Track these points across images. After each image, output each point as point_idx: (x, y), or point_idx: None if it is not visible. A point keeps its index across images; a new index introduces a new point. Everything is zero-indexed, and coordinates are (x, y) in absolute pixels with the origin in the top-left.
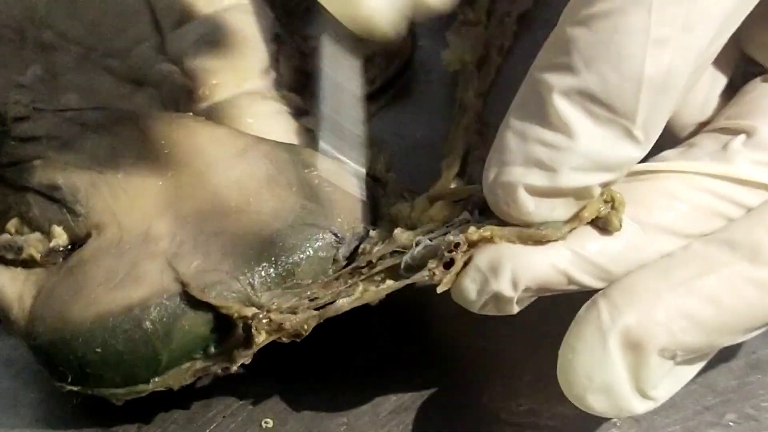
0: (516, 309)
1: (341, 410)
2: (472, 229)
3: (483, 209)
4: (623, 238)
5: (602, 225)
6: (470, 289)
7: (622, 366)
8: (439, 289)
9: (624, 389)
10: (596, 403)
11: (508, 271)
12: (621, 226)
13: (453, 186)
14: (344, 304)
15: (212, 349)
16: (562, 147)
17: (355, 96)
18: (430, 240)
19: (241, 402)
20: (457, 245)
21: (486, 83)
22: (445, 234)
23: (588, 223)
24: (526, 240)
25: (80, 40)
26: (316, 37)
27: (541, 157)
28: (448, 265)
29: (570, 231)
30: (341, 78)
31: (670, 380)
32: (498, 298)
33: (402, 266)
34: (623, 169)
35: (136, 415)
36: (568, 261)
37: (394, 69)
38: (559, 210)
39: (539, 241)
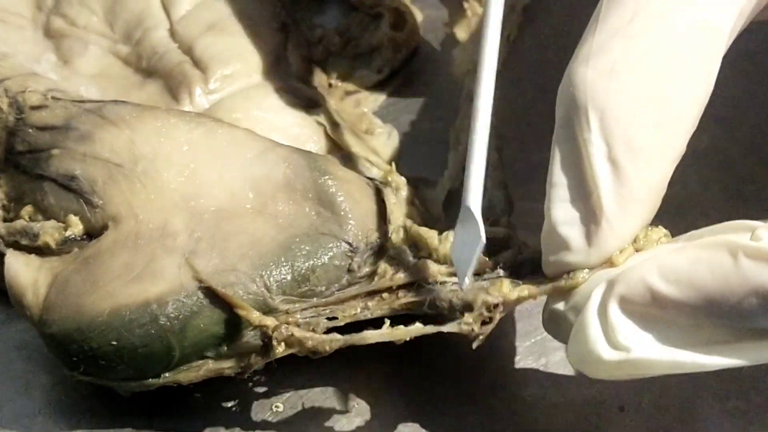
0: None
1: (350, 396)
2: (507, 287)
3: (515, 269)
4: None
5: None
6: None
7: (593, 312)
8: (475, 345)
9: (591, 332)
10: (570, 348)
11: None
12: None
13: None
14: (372, 336)
15: (225, 348)
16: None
17: None
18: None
19: (253, 388)
20: (496, 306)
21: None
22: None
23: None
24: (558, 293)
25: (91, 27)
26: (322, 26)
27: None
28: (485, 322)
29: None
30: None
31: (652, 339)
32: None
33: (426, 304)
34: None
35: (147, 401)
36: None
37: (400, 59)
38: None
39: (568, 291)
